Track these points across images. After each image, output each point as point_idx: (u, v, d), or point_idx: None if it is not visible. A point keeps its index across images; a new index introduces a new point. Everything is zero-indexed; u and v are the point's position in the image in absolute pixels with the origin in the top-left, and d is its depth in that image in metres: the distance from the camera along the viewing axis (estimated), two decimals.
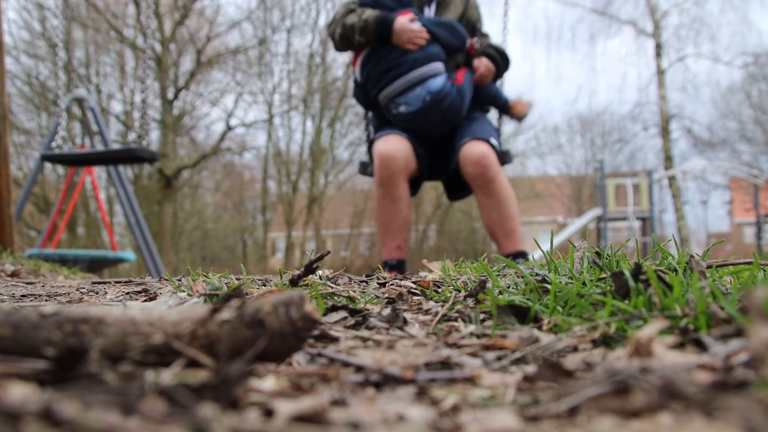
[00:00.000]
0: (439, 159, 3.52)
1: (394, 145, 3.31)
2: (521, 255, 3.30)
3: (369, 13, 3.32)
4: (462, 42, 3.48)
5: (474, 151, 3.24)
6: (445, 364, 0.66)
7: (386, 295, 1.26)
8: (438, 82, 3.28)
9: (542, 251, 1.27)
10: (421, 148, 3.43)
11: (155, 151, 6.00)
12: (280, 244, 29.99)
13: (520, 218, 3.38)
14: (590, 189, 24.08)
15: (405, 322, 0.92)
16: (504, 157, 3.59)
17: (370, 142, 3.59)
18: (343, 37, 3.40)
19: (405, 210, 3.41)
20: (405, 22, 3.28)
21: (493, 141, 3.33)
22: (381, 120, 3.61)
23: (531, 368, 0.64)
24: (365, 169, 3.76)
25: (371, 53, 3.39)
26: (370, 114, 3.77)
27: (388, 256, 3.44)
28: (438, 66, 3.33)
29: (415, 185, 3.60)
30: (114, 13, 17.66)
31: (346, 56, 20.58)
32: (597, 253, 1.21)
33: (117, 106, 19.65)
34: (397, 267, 3.42)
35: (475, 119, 3.46)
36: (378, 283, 1.50)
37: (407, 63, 3.28)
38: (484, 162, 3.23)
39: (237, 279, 1.56)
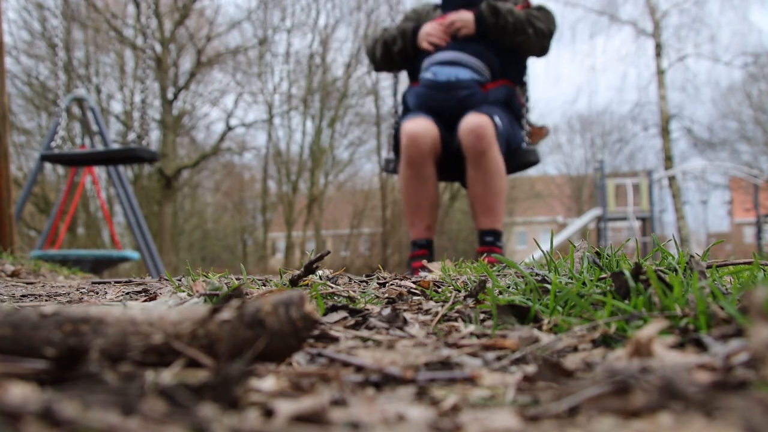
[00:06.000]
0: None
1: (422, 125, 3.31)
2: (494, 234, 3.28)
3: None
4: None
5: (471, 120, 3.22)
6: (445, 364, 0.66)
7: (386, 295, 1.26)
8: (467, 76, 3.41)
9: (542, 251, 1.27)
10: (445, 131, 3.43)
11: (155, 151, 5.98)
12: (280, 244, 29.97)
13: (503, 197, 3.33)
14: (590, 189, 24.08)
15: (405, 322, 0.92)
16: (529, 156, 3.65)
17: (396, 132, 3.62)
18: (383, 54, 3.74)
19: (433, 190, 3.40)
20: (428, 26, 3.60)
21: (497, 119, 3.30)
22: (405, 108, 3.73)
23: (531, 368, 0.64)
24: (388, 165, 3.86)
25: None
26: (399, 107, 3.91)
27: (417, 236, 3.41)
28: (478, 64, 3.46)
29: (440, 171, 3.56)
30: (114, 13, 17.65)
31: (346, 56, 20.63)
32: (597, 253, 1.21)
33: (117, 106, 19.66)
34: (427, 246, 3.39)
35: (488, 104, 3.46)
36: (378, 283, 1.50)
37: (456, 45, 3.51)
38: (478, 131, 3.17)
39: (237, 279, 1.56)
